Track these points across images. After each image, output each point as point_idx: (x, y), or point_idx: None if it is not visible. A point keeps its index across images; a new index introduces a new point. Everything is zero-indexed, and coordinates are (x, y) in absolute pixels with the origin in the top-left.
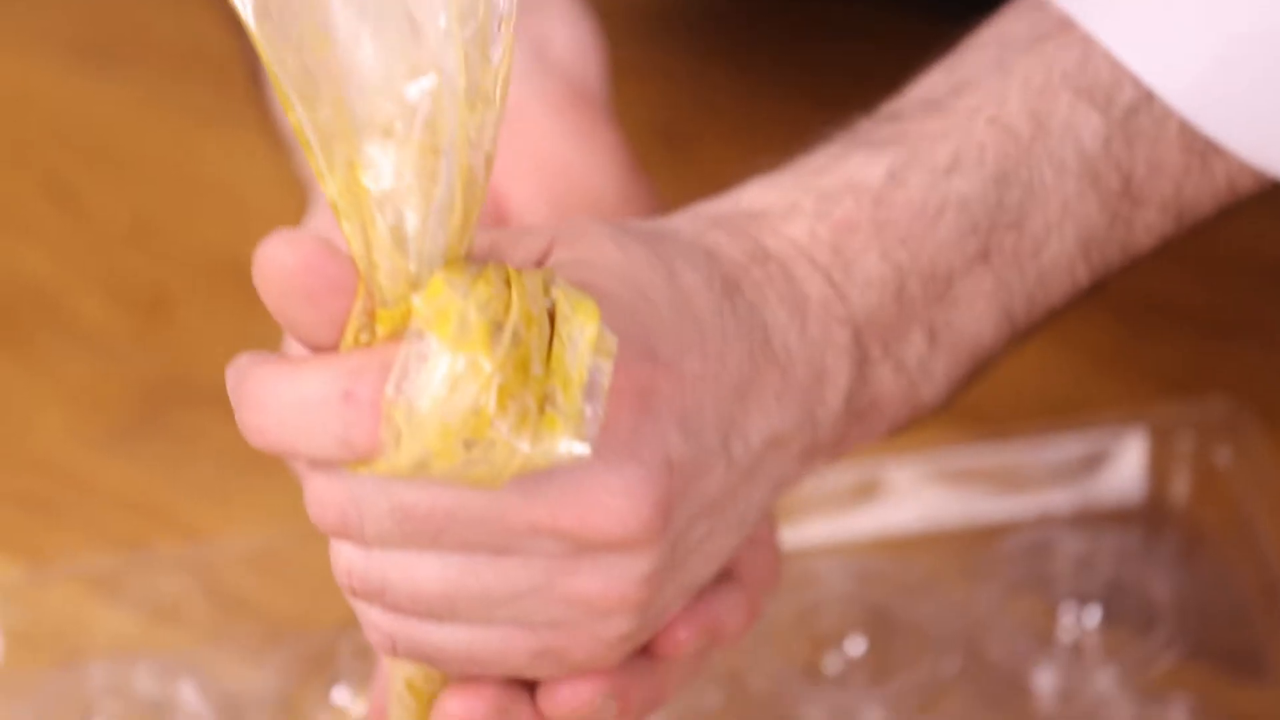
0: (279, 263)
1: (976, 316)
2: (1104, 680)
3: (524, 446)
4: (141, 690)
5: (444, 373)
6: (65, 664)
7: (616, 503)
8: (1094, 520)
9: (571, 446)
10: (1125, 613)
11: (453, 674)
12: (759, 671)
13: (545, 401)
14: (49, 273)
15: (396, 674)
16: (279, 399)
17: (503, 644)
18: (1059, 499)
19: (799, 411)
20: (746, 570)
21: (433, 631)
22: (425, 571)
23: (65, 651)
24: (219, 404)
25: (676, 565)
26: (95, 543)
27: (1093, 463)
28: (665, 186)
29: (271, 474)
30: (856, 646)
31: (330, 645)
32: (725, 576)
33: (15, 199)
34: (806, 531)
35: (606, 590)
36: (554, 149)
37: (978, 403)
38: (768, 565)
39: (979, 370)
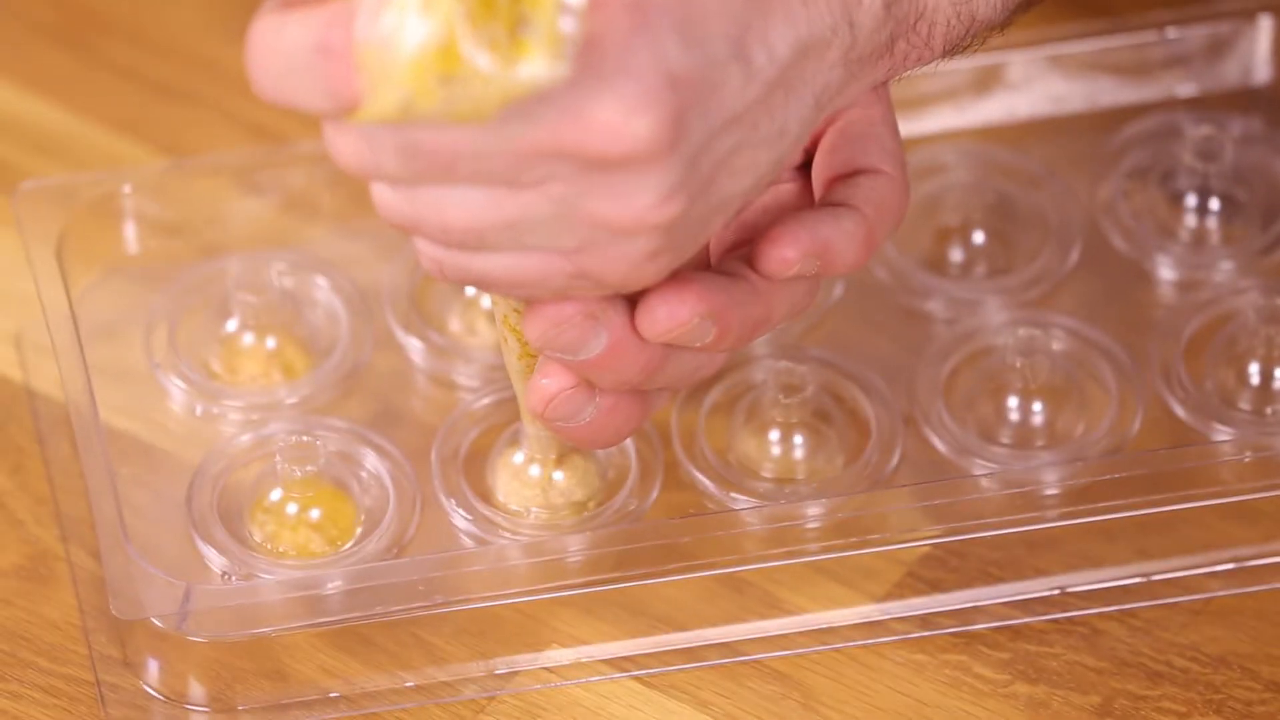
0: None
1: None
2: (1226, 268)
3: (499, 74)
4: (275, 283)
5: (405, 11)
6: (201, 257)
7: (614, 119)
8: (1218, 106)
9: (549, 68)
10: (1248, 200)
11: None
12: (880, 262)
13: (517, 26)
14: None
15: (495, 308)
16: (269, 53)
17: (538, 269)
18: (1183, 85)
19: (831, 15)
20: (865, 201)
21: (472, 259)
22: (449, 206)
23: (201, 244)
24: None
25: (702, 183)
26: (232, 134)
27: (1218, 48)
28: None
29: None
30: (978, 236)
31: None
32: (842, 204)
33: None
34: (928, 120)
35: (622, 210)
36: None
37: None
38: (890, 200)
39: None
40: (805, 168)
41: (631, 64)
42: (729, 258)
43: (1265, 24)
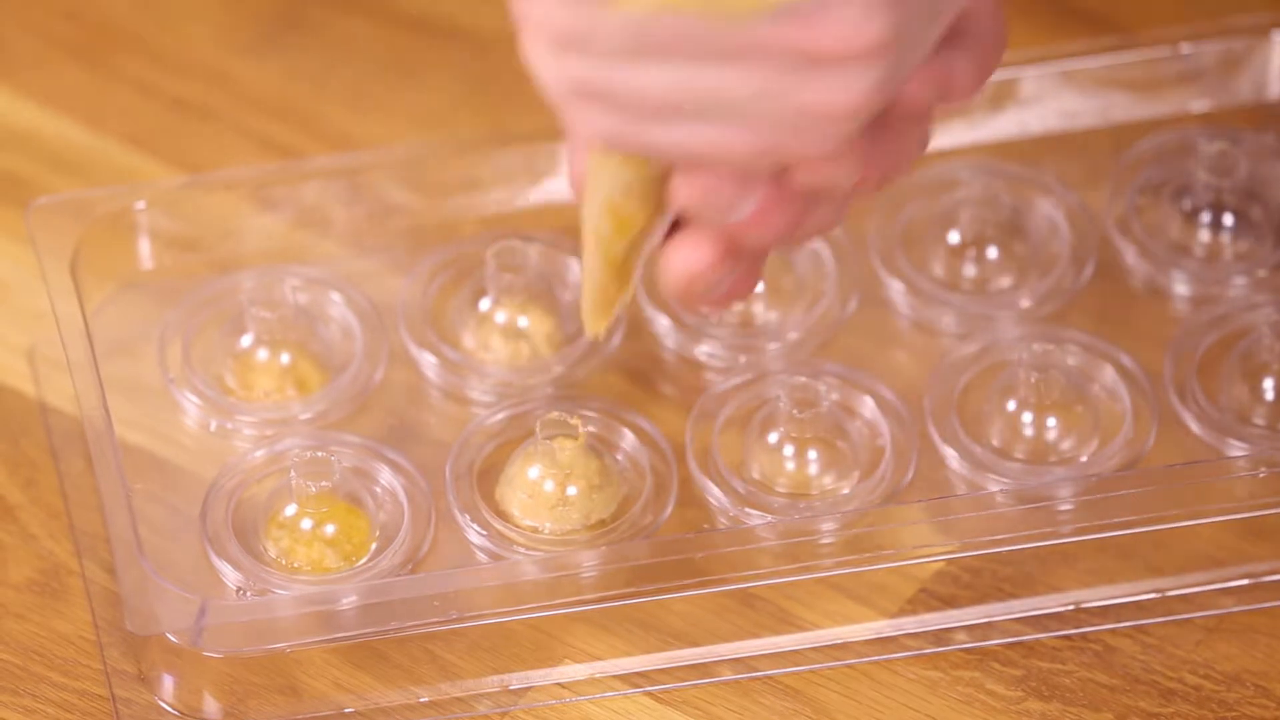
0: None
1: None
2: (1240, 284)
3: None
4: (290, 298)
5: None
6: (216, 272)
7: (852, 17)
8: (1231, 122)
9: None
10: (1261, 216)
11: (671, 169)
12: (893, 277)
13: None
14: None
15: (597, 193)
16: None
17: (725, 143)
18: (1196, 101)
19: None
20: (972, 33)
21: (656, 128)
22: (654, 77)
23: (216, 260)
24: (368, 10)
25: (899, 69)
26: (246, 150)
27: (1232, 64)
28: None
29: (421, 81)
30: (992, 252)
31: (475, 255)
32: (955, 35)
33: None
34: (941, 136)
35: (834, 100)
36: None
37: (1113, 9)
38: (993, 28)
39: None
40: None
41: None
42: None
43: (1279, 40)
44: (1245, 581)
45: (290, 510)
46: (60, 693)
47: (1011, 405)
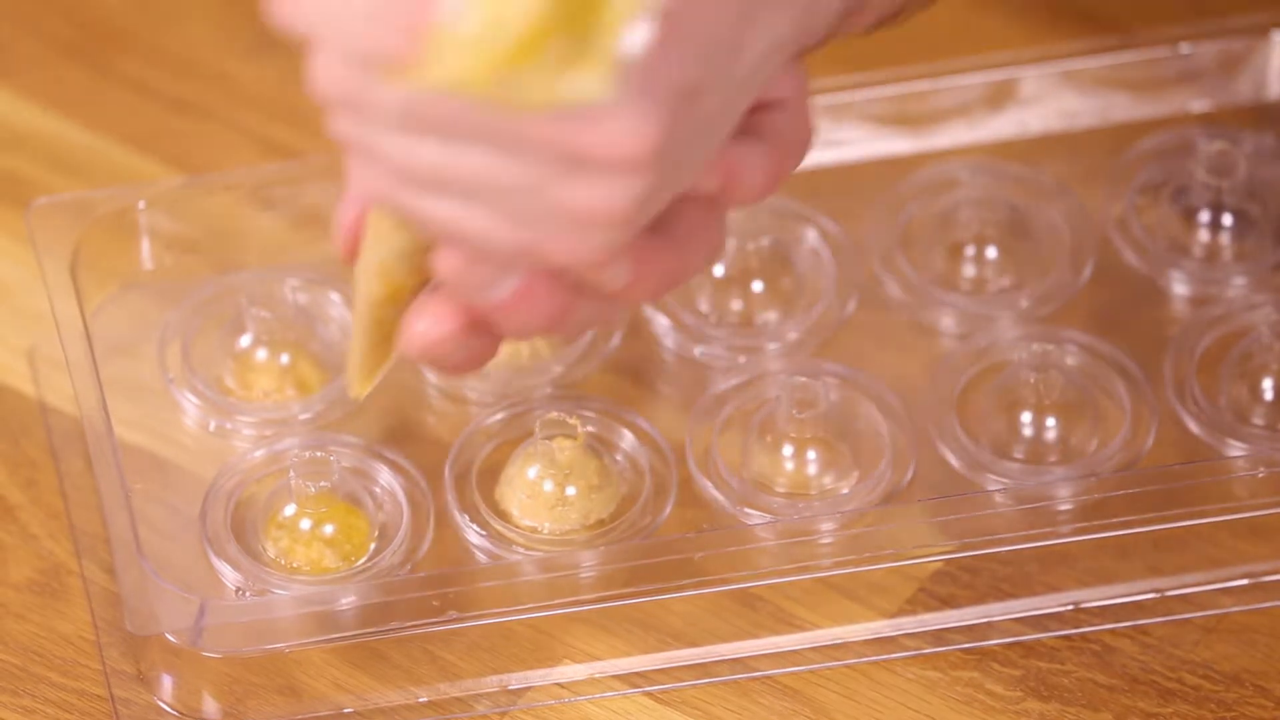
0: None
1: None
2: (1239, 284)
3: (557, 84)
4: (289, 298)
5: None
6: (215, 272)
7: (626, 128)
8: (1231, 122)
9: (600, 89)
10: (1260, 215)
11: (434, 244)
12: (892, 277)
13: (586, 41)
14: None
15: (373, 254)
16: None
17: (486, 230)
18: (1196, 101)
19: (799, 17)
20: (770, 131)
21: (421, 199)
22: (425, 150)
23: (216, 260)
24: None
25: (664, 183)
26: (246, 150)
27: (1231, 64)
28: None
29: None
30: (991, 252)
31: None
32: (747, 132)
33: None
34: (940, 136)
35: (595, 206)
36: None
37: (1113, 9)
38: (795, 130)
39: None
40: None
41: (657, 78)
42: None
43: (1278, 40)
44: (1245, 581)
45: (289, 510)
46: (60, 693)
47: (1011, 405)
